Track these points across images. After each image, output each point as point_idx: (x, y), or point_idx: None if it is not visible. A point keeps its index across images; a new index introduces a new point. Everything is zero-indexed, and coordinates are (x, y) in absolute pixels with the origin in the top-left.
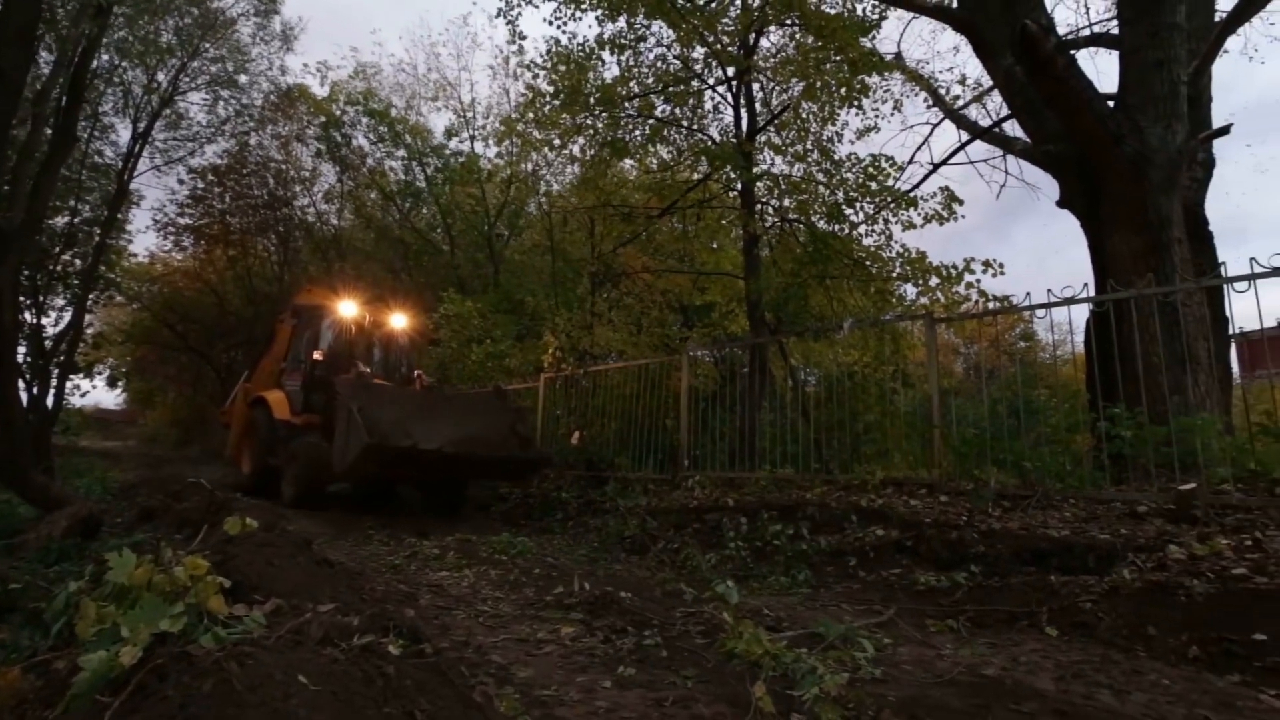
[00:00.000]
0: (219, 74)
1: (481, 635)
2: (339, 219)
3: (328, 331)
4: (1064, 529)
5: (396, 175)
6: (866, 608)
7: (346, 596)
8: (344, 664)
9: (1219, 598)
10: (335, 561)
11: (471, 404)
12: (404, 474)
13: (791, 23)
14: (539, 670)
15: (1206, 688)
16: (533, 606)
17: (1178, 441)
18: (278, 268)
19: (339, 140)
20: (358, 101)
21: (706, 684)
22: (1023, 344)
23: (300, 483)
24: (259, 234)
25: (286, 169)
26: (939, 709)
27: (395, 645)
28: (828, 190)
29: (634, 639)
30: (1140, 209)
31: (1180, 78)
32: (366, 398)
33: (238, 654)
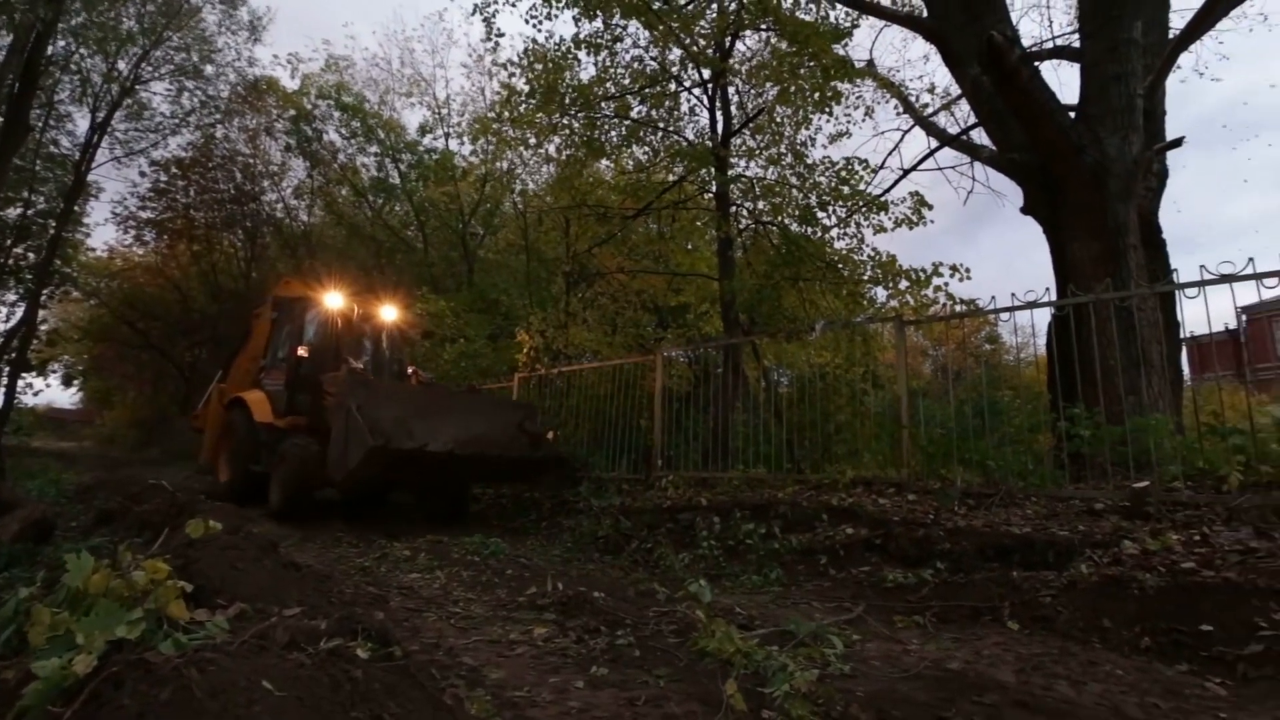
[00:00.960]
0: (183, 63)
1: (453, 637)
2: (309, 215)
3: (312, 325)
4: (1025, 526)
5: (369, 171)
6: (836, 605)
7: (314, 600)
8: (310, 668)
9: (1169, 591)
10: (302, 564)
11: (476, 400)
12: (406, 478)
13: (766, 28)
14: (511, 671)
15: (1157, 677)
16: (505, 607)
17: (1132, 441)
18: (244, 264)
19: (309, 134)
20: (329, 95)
21: (679, 683)
22: (988, 346)
23: (289, 488)
24: (225, 229)
25: (254, 163)
26: (905, 703)
27: (364, 649)
28: (801, 194)
29: (607, 639)
30: (1099, 216)
31: (1137, 91)
32: (365, 395)
33: (198, 660)
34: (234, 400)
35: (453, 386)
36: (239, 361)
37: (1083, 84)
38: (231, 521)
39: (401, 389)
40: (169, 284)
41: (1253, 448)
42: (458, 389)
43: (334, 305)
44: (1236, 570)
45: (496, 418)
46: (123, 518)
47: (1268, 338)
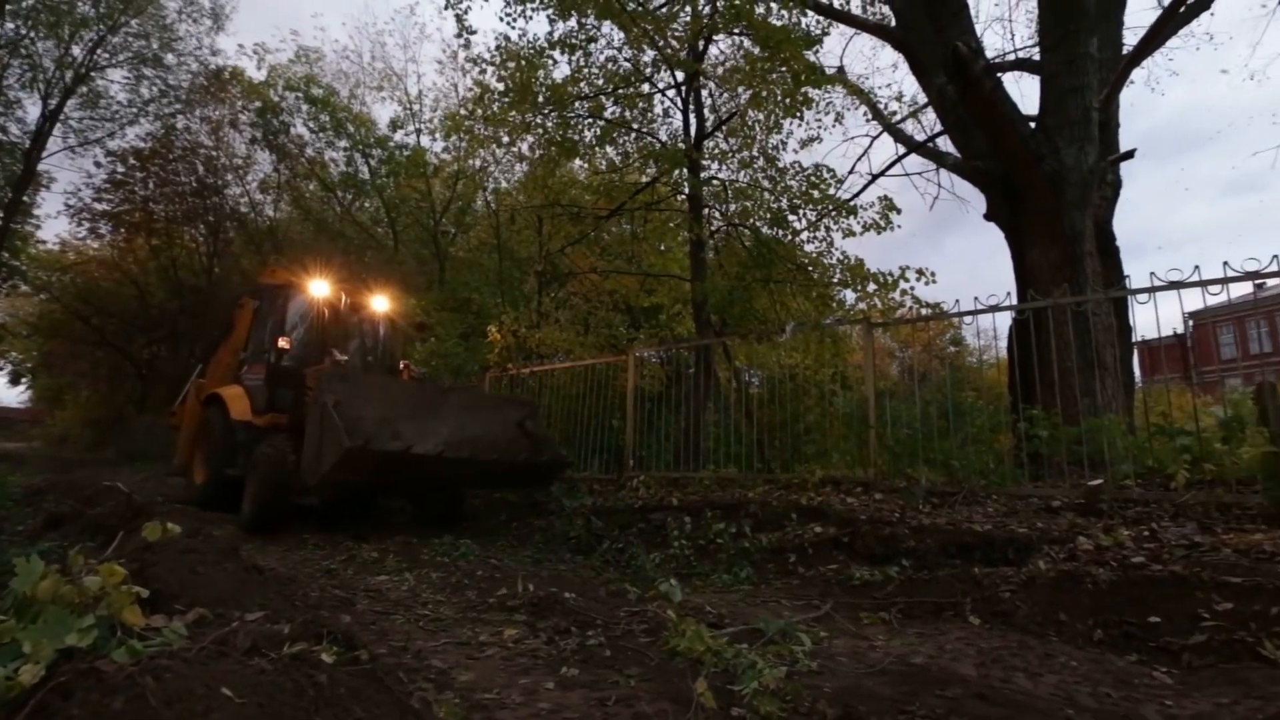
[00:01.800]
0: (142, 51)
1: (421, 639)
2: (275, 210)
3: (296, 315)
4: (987, 524)
5: (338, 166)
6: (805, 602)
7: (277, 604)
8: (272, 674)
9: (1121, 585)
10: (265, 567)
11: (472, 399)
12: (392, 483)
13: (740, 32)
14: (480, 673)
15: (1109, 667)
16: (475, 609)
17: (1087, 441)
18: (207, 259)
19: (276, 127)
20: (297, 88)
21: (650, 682)
22: (953, 348)
23: (260, 499)
24: (186, 223)
25: (218, 155)
26: (870, 698)
27: (329, 653)
28: (772, 197)
29: (578, 639)
30: (1057, 224)
31: (1093, 104)
32: (345, 391)
33: (154, 668)
34: (211, 396)
35: (445, 382)
36: (220, 355)
37: (1042, 95)
38: (191, 524)
39: (387, 384)
40: (126, 279)
41: (1198, 447)
42: (452, 385)
43: (320, 293)
44: (1182, 564)
45: (494, 417)
46: (74, 521)
47: (1212, 342)
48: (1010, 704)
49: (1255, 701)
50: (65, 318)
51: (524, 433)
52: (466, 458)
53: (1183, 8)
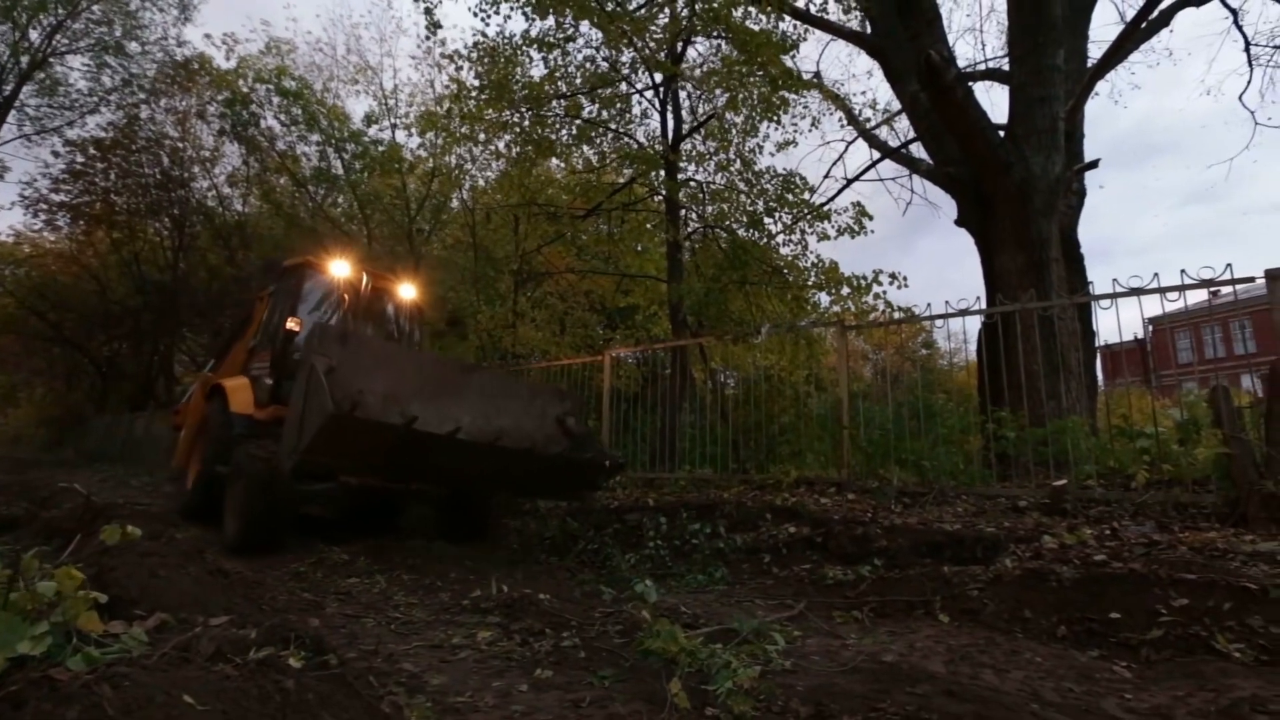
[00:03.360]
0: (104, 38)
1: (393, 643)
2: (244, 204)
3: (311, 297)
4: (956, 523)
5: (310, 161)
6: (779, 602)
7: (243, 608)
8: (237, 681)
9: (1083, 582)
10: (231, 570)
11: (502, 384)
12: (395, 475)
13: (718, 35)
14: (453, 676)
15: (1072, 663)
16: (448, 611)
17: (1052, 442)
18: (171, 254)
19: (245, 119)
20: (268, 79)
21: (624, 683)
22: (925, 351)
23: (246, 511)
24: (149, 216)
25: (184, 147)
26: (842, 696)
27: (296, 658)
28: (748, 200)
29: (552, 641)
30: (1024, 230)
31: (1059, 114)
32: (342, 356)
33: (111, 675)
34: (214, 388)
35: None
36: (234, 350)
37: (1011, 105)
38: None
39: (397, 354)
40: (85, 273)
41: (1156, 449)
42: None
43: (340, 274)
44: (1141, 561)
45: (527, 408)
46: (28, 524)
47: (1170, 346)
48: (978, 700)
49: (1209, 694)
50: (19, 313)
51: (563, 430)
52: (489, 446)
53: (1144, 24)
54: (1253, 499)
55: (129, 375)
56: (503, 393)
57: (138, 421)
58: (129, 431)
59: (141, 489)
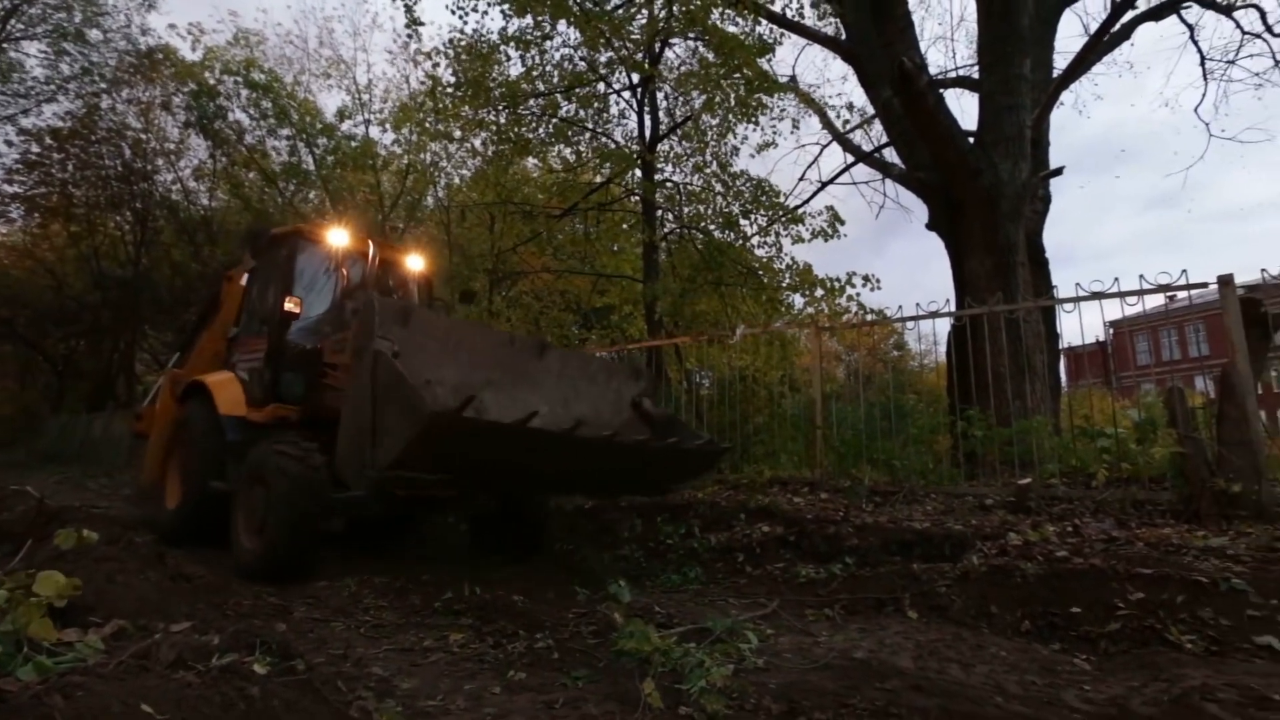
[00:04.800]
0: (63, 24)
1: (362, 647)
2: (210, 199)
3: (307, 272)
4: (925, 521)
5: (280, 155)
6: (752, 601)
7: (206, 613)
8: (199, 688)
9: (1046, 578)
10: (194, 575)
11: (579, 364)
12: (473, 482)
13: (695, 37)
14: (424, 680)
15: (1035, 656)
16: (419, 614)
17: (1018, 442)
18: (133, 249)
19: (212, 112)
20: (236, 71)
21: (597, 683)
22: (896, 353)
23: (281, 528)
24: (110, 209)
25: (147, 139)
26: (814, 692)
27: (261, 664)
28: (724, 201)
29: (525, 642)
30: (993, 235)
31: (1026, 122)
32: (405, 338)
33: (64, 685)
34: (190, 387)
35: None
36: (203, 340)
37: (980, 112)
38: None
39: (464, 332)
40: (40, 267)
41: (1116, 448)
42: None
43: (340, 243)
44: (1101, 557)
45: (603, 392)
46: None
47: (1129, 349)
48: (944, 694)
49: (1162, 684)
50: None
51: (640, 414)
52: (604, 443)
53: (1106, 36)
54: (1205, 496)
55: (87, 374)
56: (578, 374)
57: (96, 422)
58: (87, 432)
59: (99, 492)
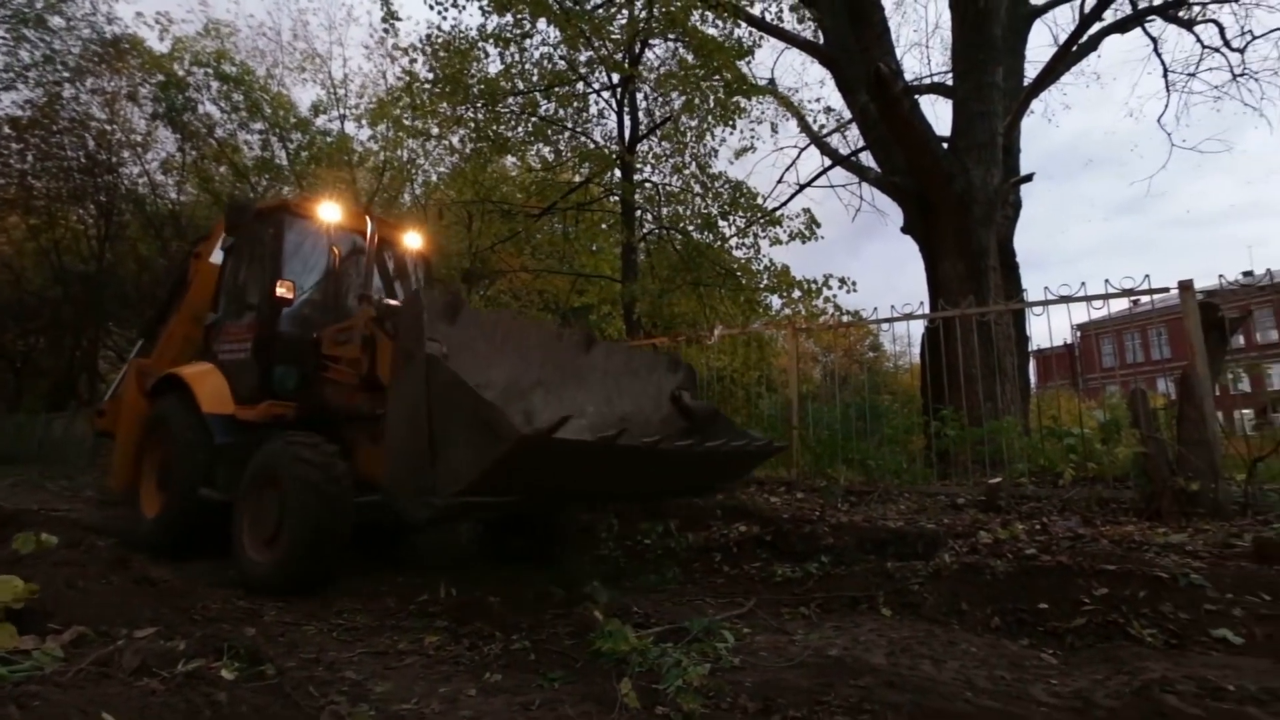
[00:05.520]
0: (22, 10)
1: (335, 650)
2: (179, 193)
3: (299, 251)
4: (899, 520)
5: (252, 150)
6: (729, 600)
7: (171, 618)
8: (163, 695)
9: (1015, 575)
10: (159, 579)
11: (624, 358)
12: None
13: (675, 38)
14: (398, 683)
15: (1004, 652)
16: (394, 616)
17: (989, 442)
18: (97, 243)
19: (181, 104)
20: (206, 63)
21: (574, 684)
22: (872, 354)
23: (303, 538)
24: (72, 202)
25: (112, 130)
26: (789, 690)
27: (229, 669)
28: (703, 203)
29: (501, 644)
30: (965, 239)
31: (998, 129)
32: (454, 337)
33: (20, 694)
34: (165, 381)
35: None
36: (172, 324)
37: (954, 119)
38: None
39: (511, 328)
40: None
41: (1082, 447)
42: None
43: (334, 219)
44: (1067, 554)
45: (645, 387)
46: None
47: (1095, 351)
48: (916, 690)
49: (1124, 677)
50: None
51: (679, 409)
52: (683, 454)
53: (1075, 47)
54: (1166, 494)
55: (46, 371)
56: (621, 369)
57: (56, 421)
58: (46, 432)
59: (59, 493)
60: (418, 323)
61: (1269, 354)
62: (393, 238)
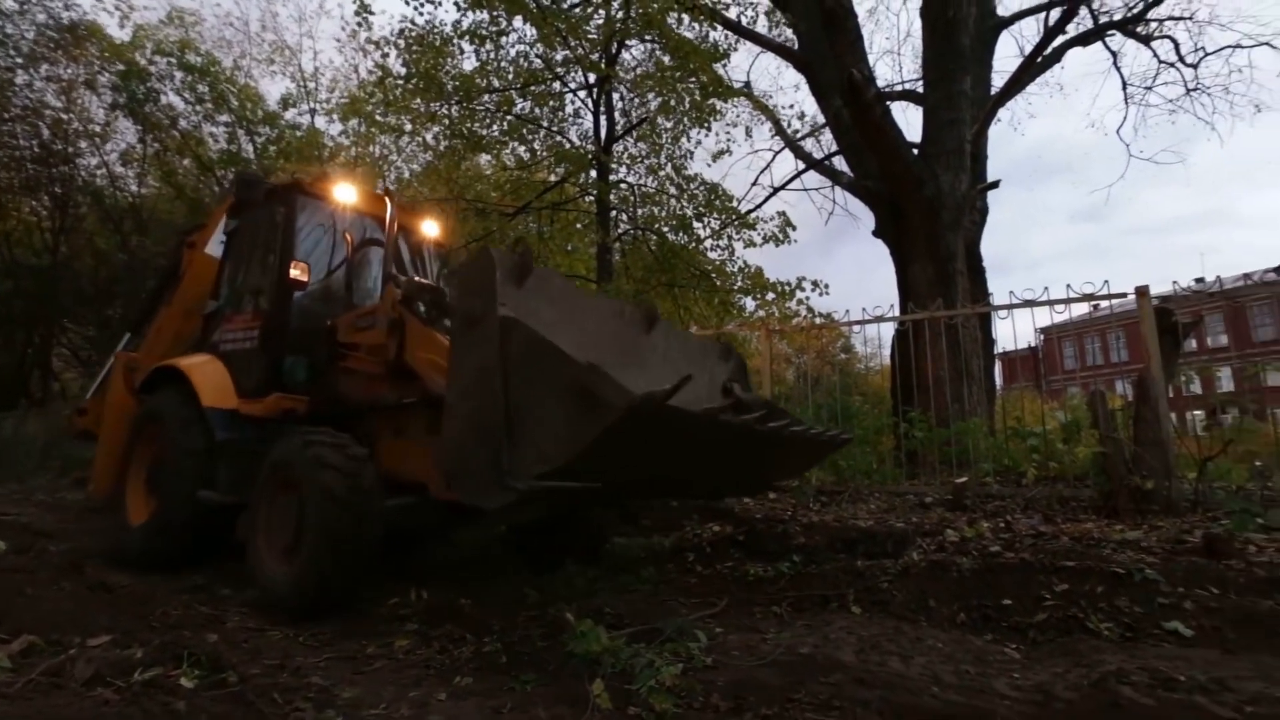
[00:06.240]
0: None
1: (301, 655)
2: (140, 185)
3: (313, 232)
4: (869, 519)
5: (218, 142)
6: (702, 600)
7: (128, 626)
8: (119, 705)
9: (980, 572)
10: (116, 585)
11: (680, 341)
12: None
13: (651, 40)
14: (367, 688)
15: (969, 647)
16: (363, 620)
17: (956, 442)
18: (51, 236)
19: (142, 94)
20: (170, 52)
21: (547, 686)
22: (843, 355)
23: (328, 548)
24: (25, 193)
25: (68, 119)
26: (761, 688)
27: (189, 677)
28: (678, 204)
29: (473, 647)
30: (935, 243)
31: (966, 136)
32: (522, 304)
33: None
34: (158, 374)
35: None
36: (162, 317)
37: (924, 126)
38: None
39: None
40: None
41: (1044, 447)
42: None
43: (351, 200)
44: (1030, 551)
45: (701, 371)
46: None
47: (1057, 354)
48: (884, 685)
49: (1083, 670)
50: None
51: (730, 400)
52: (778, 433)
53: (1039, 58)
54: (1122, 493)
55: None
56: (678, 353)
57: (6, 421)
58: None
59: (9, 497)
60: (488, 281)
61: (1219, 357)
62: (410, 224)
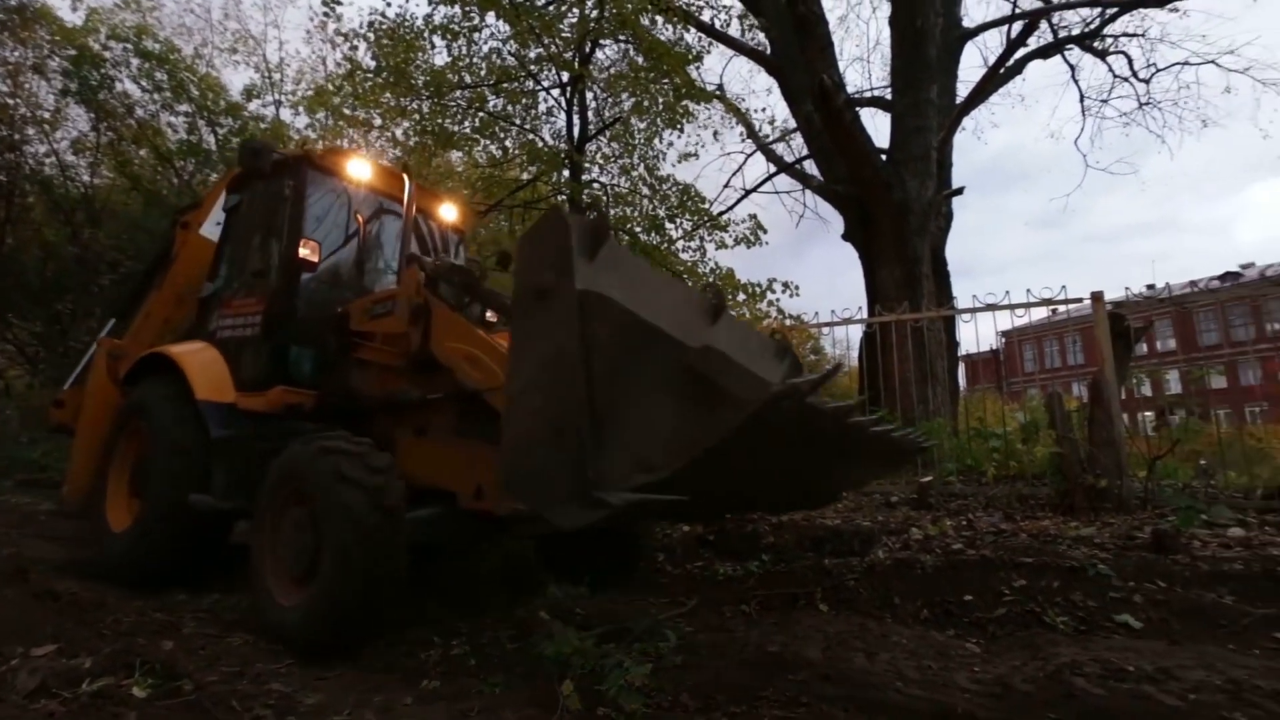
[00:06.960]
0: None
1: (262, 662)
2: (92, 175)
3: (322, 210)
4: (836, 519)
5: (177, 133)
6: (671, 600)
7: (77, 634)
8: (65, 717)
9: (943, 569)
10: (63, 592)
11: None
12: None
13: (625, 40)
14: (330, 695)
15: (932, 642)
16: None
17: None
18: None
19: (96, 81)
20: (126, 38)
21: (515, 689)
22: (813, 356)
23: (353, 575)
24: None
25: (15, 105)
26: (729, 687)
27: (141, 686)
28: (650, 204)
29: (440, 650)
30: (902, 247)
31: (933, 143)
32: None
33: None
34: (145, 362)
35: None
36: (151, 302)
37: (892, 132)
38: None
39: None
40: None
41: (1005, 447)
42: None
43: (366, 176)
44: (990, 548)
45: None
46: None
47: (1018, 356)
48: (849, 682)
49: (1040, 662)
50: None
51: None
52: (879, 438)
53: (1002, 70)
54: (1078, 491)
55: None
56: (739, 348)
57: None
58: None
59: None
60: (564, 247)
61: (1168, 361)
62: (428, 207)
